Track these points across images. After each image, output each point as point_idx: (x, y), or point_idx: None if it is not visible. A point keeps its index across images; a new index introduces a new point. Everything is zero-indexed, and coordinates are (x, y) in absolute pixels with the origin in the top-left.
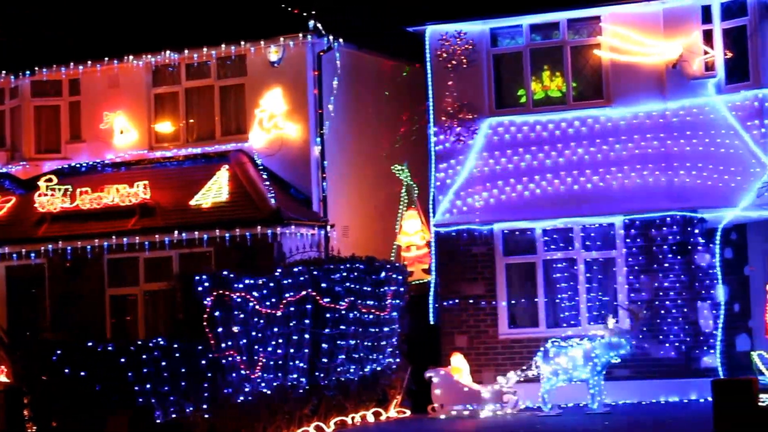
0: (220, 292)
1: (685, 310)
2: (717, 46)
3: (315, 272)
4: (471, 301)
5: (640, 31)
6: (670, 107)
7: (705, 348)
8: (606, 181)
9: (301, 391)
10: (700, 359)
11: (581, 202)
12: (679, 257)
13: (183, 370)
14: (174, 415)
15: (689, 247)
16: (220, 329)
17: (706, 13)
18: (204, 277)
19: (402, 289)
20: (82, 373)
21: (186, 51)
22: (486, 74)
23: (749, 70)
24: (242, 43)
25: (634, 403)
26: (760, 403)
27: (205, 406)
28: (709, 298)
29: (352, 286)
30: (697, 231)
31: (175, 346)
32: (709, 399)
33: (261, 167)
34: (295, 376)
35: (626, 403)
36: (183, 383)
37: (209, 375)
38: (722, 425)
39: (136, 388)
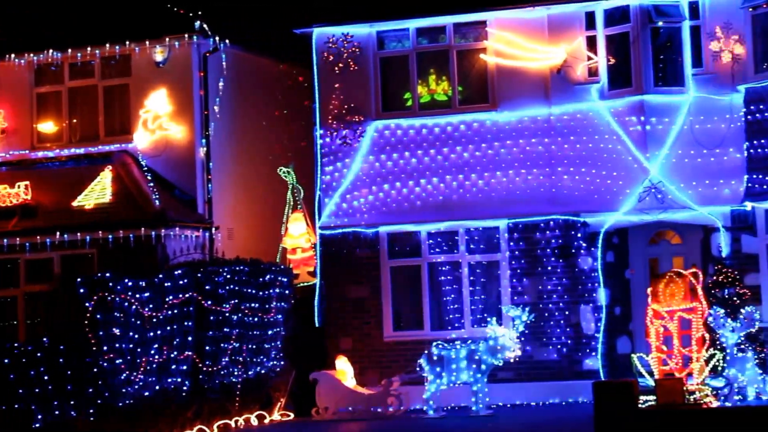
0: (102, 294)
1: (567, 313)
2: (600, 52)
3: (199, 274)
4: (356, 303)
5: (525, 36)
6: (554, 112)
7: (587, 350)
8: (490, 184)
9: (184, 394)
10: (582, 362)
11: (466, 205)
12: (561, 261)
13: (64, 373)
14: (55, 419)
15: (572, 251)
16: (101, 332)
17: (590, 20)
18: (85, 279)
19: (287, 291)
20: None
21: (69, 50)
22: (372, 77)
23: (631, 76)
24: (127, 42)
25: (518, 405)
26: (639, 405)
27: (87, 410)
28: (591, 301)
29: (237, 288)
30: (579, 235)
31: (58, 348)
32: (591, 401)
33: (145, 168)
34: (178, 379)
35: (509, 405)
36: (65, 386)
37: (91, 378)
38: (603, 427)
39: (20, 390)
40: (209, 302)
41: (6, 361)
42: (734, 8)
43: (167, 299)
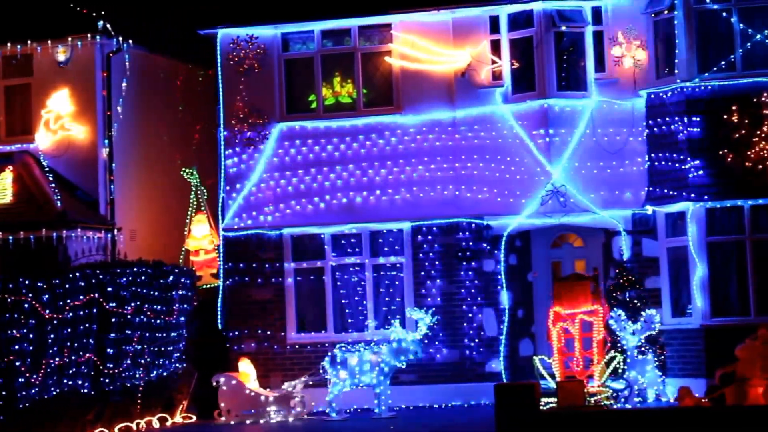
0: (1, 295)
1: (471, 315)
2: (504, 56)
3: (101, 276)
4: (259, 306)
5: (430, 39)
6: (459, 115)
7: (490, 353)
8: (395, 188)
9: (85, 396)
10: (485, 364)
11: (370, 208)
12: (465, 263)
13: None
14: None
15: (475, 254)
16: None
17: (494, 24)
18: None
19: (190, 293)
20: None
21: None
22: (277, 79)
23: (535, 81)
24: (29, 42)
25: (420, 407)
26: (541, 407)
27: None
28: (494, 303)
29: (139, 290)
30: (482, 238)
31: None
32: (493, 403)
33: (47, 169)
34: (79, 381)
35: (412, 407)
36: None
37: None
38: (504, 429)
39: None
40: (111, 304)
41: None
42: (636, 14)
43: (68, 301)
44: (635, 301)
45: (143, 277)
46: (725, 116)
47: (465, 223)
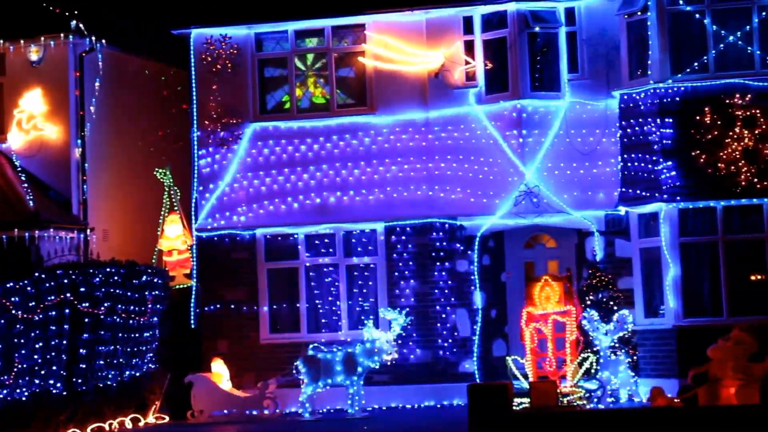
0: None
1: (444, 315)
2: (478, 56)
3: (73, 276)
4: (233, 306)
5: (404, 40)
6: (432, 116)
7: (463, 353)
8: (368, 188)
9: (58, 396)
10: (459, 364)
11: (344, 208)
12: (438, 264)
13: None
14: None
15: (449, 254)
16: None
17: (468, 25)
18: None
19: (163, 293)
20: None
21: None
22: (251, 79)
23: (509, 81)
24: (1, 41)
25: (393, 407)
26: (514, 407)
27: None
28: (467, 304)
29: (112, 290)
30: (456, 238)
31: None
32: (466, 403)
33: (19, 169)
34: (51, 381)
35: (385, 407)
36: None
37: None
38: (476, 429)
39: None
40: (84, 304)
41: None
42: (610, 15)
43: (41, 301)
44: (608, 302)
45: (116, 278)
46: (698, 117)
47: (438, 223)
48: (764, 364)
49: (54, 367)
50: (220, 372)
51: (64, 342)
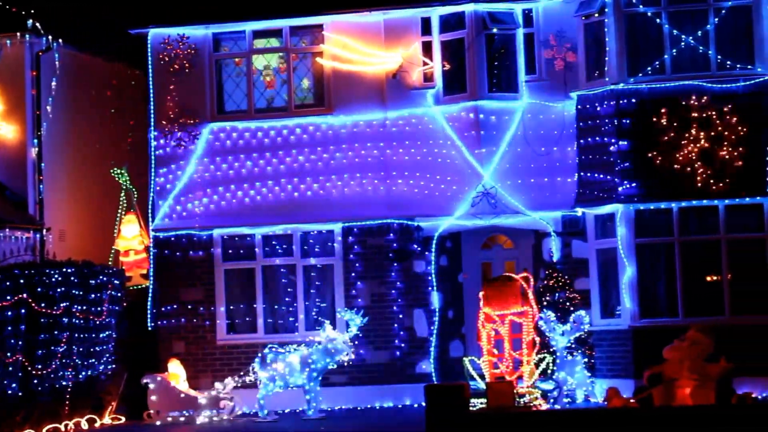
0: None
1: (401, 316)
2: (436, 57)
3: (30, 277)
4: (189, 306)
5: (362, 40)
6: (390, 116)
7: (420, 354)
8: (326, 188)
9: (13, 398)
10: (416, 365)
11: (301, 208)
12: (396, 264)
13: None
14: None
15: (406, 255)
16: None
17: (426, 25)
18: None
19: (119, 294)
20: None
21: None
22: (208, 79)
23: (466, 82)
24: None
25: (351, 408)
26: (470, 408)
27: None
28: (424, 304)
29: (68, 291)
30: (414, 239)
31: None
32: (423, 404)
33: None
34: (7, 382)
35: (343, 408)
36: None
37: None
38: (434, 429)
39: None
40: (40, 305)
41: None
42: (567, 17)
43: None
44: (565, 303)
45: (72, 278)
46: (654, 119)
47: (396, 223)
48: (719, 364)
49: (10, 368)
50: (176, 372)
51: (20, 343)
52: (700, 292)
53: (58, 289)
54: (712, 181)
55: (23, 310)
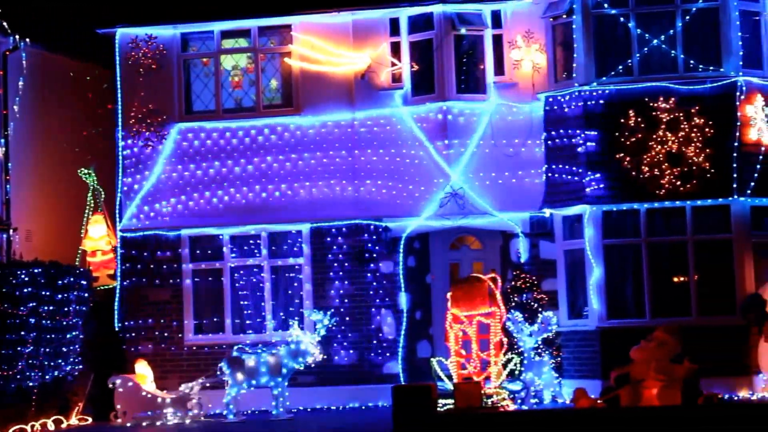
0: None
1: (369, 317)
2: (404, 58)
3: None
4: (157, 306)
5: (331, 41)
6: (358, 117)
7: (388, 354)
8: (294, 189)
9: None
10: (383, 366)
11: (269, 209)
12: (364, 265)
13: None
14: None
15: (374, 255)
16: None
17: (395, 26)
18: None
19: (86, 294)
20: None
21: None
22: (176, 79)
23: (435, 83)
24: None
25: (318, 409)
26: (438, 409)
27: None
28: (392, 305)
29: (35, 291)
30: (381, 239)
31: None
32: (391, 405)
33: None
34: None
35: (310, 409)
36: None
37: None
38: (401, 430)
39: None
40: (6, 305)
41: None
42: (535, 18)
43: None
44: (532, 303)
45: (39, 278)
46: (622, 120)
47: (364, 224)
48: (684, 365)
49: None
50: (143, 373)
51: None
52: (667, 292)
53: (25, 290)
54: (679, 182)
55: None
